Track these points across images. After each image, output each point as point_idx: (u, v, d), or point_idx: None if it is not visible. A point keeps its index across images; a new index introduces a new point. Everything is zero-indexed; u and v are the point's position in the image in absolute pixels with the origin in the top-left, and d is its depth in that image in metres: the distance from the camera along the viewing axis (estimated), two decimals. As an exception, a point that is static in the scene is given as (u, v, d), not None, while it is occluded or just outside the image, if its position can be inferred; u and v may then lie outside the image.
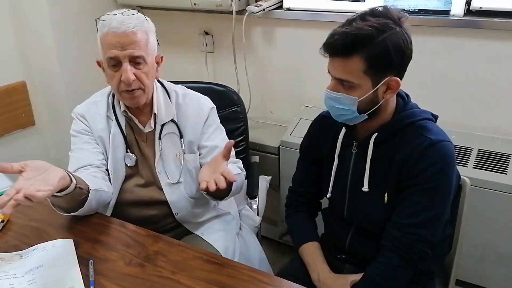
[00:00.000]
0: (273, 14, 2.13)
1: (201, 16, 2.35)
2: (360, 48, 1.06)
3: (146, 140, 1.45)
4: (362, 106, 1.13)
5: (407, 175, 1.14)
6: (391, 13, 1.09)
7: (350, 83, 1.10)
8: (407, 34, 1.09)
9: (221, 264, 1.15)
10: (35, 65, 2.30)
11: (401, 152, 1.16)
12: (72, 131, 1.46)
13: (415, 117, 1.18)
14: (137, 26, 1.29)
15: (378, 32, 1.05)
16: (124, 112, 1.42)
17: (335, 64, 1.11)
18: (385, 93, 1.13)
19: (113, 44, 1.27)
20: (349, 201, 1.28)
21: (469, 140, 1.85)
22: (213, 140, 1.50)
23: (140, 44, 1.29)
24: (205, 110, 1.50)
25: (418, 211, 1.14)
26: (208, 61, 2.45)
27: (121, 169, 1.43)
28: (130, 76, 1.29)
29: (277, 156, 2.15)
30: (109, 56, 1.29)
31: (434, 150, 1.12)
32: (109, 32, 1.27)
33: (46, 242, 1.22)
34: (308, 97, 2.24)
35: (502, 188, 1.68)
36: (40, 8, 2.16)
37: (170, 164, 1.45)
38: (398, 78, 1.11)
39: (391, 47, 1.06)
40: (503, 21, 1.70)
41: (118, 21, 1.27)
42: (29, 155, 2.39)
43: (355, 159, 1.25)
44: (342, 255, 1.35)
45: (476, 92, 1.86)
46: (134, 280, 1.10)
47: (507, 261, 1.77)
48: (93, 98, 1.50)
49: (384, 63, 1.08)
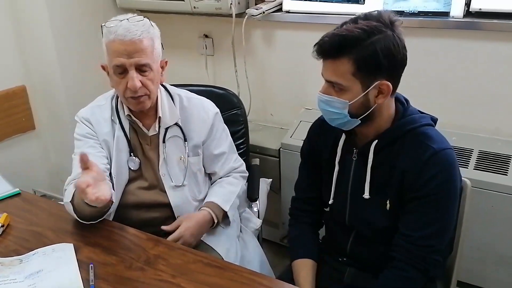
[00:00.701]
0: (272, 16, 2.13)
1: (201, 19, 2.35)
2: (349, 50, 1.06)
3: (150, 143, 1.45)
4: (353, 110, 1.12)
5: (411, 186, 1.13)
6: (383, 16, 1.09)
7: (340, 85, 1.10)
8: (399, 38, 1.08)
9: (222, 268, 1.15)
10: (35, 69, 2.30)
11: (402, 161, 1.15)
12: (76, 135, 1.45)
13: (415, 123, 1.16)
14: (144, 34, 1.29)
15: (366, 35, 1.05)
16: (128, 116, 1.43)
17: (326, 66, 1.12)
18: (376, 98, 1.12)
19: (120, 52, 1.28)
20: (350, 207, 1.27)
21: (469, 141, 1.85)
22: (220, 146, 1.54)
23: (146, 52, 1.30)
24: (210, 115, 1.52)
25: (428, 223, 1.13)
26: (208, 64, 2.46)
27: (124, 172, 1.44)
28: (136, 83, 1.30)
29: (277, 159, 2.15)
30: (115, 64, 1.30)
31: (437, 160, 1.11)
32: (116, 40, 1.27)
33: (46, 247, 1.22)
34: (308, 99, 2.24)
35: (503, 189, 1.67)
36: (40, 12, 2.16)
37: (174, 167, 1.46)
38: (389, 82, 1.10)
39: (380, 50, 1.06)
40: (503, 22, 1.70)
41: (124, 29, 1.27)
42: (29, 159, 2.40)
43: (356, 166, 1.24)
44: (344, 258, 1.34)
45: (476, 94, 1.86)
46: (134, 284, 1.10)
47: (509, 262, 1.77)
48: (96, 102, 1.50)
49: (373, 66, 1.07)
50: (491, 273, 1.83)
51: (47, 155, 2.47)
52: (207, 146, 1.52)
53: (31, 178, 2.36)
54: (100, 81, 2.37)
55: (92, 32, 2.35)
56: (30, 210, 1.43)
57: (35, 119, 2.37)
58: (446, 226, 1.16)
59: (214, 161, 1.55)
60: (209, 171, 1.57)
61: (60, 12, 2.21)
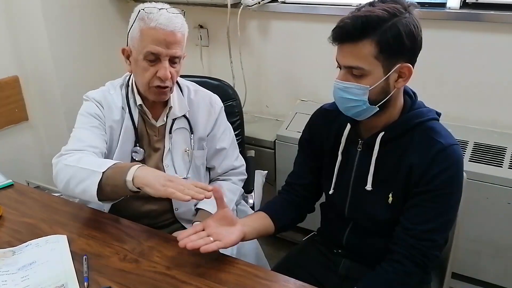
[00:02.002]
0: (268, 7, 2.12)
1: (196, 10, 2.33)
2: (372, 31, 1.03)
3: (158, 134, 1.45)
4: (373, 96, 1.09)
5: (418, 180, 1.13)
6: (400, 0, 1.07)
7: (361, 69, 1.07)
8: (417, 21, 1.07)
9: (217, 260, 1.14)
10: (28, 60, 2.28)
11: (409, 155, 1.14)
12: (83, 111, 1.41)
13: (423, 117, 1.15)
14: (183, 27, 1.31)
15: (389, 16, 1.03)
16: (139, 105, 1.41)
17: (345, 51, 1.08)
18: (396, 82, 1.10)
19: (159, 41, 1.27)
20: (351, 199, 1.27)
21: (465, 133, 1.86)
22: (223, 141, 1.54)
23: (181, 45, 1.32)
24: (216, 108, 1.52)
25: (432, 217, 1.13)
26: (203, 55, 2.44)
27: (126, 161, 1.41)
28: (168, 74, 1.30)
29: (273, 151, 2.15)
30: (150, 51, 1.28)
31: (446, 155, 1.10)
32: (157, 27, 1.26)
33: (39, 238, 1.20)
34: (304, 91, 2.24)
35: (498, 181, 1.68)
36: (33, 2, 2.14)
37: (178, 159, 1.46)
38: (410, 65, 1.09)
39: (403, 30, 1.04)
40: (499, 13, 1.70)
41: (166, 18, 1.27)
42: (22, 150, 2.38)
43: (360, 157, 1.23)
44: (339, 250, 1.34)
45: (473, 85, 1.86)
46: (128, 276, 1.09)
47: (503, 254, 1.78)
48: (106, 88, 1.47)
49: (396, 47, 1.05)
50: (486, 265, 1.84)
51: (40, 146, 2.46)
52: (210, 139, 1.52)
53: (25, 169, 2.35)
54: (94, 71, 2.39)
55: (85, 22, 2.33)
56: (23, 202, 1.41)
57: (28, 110, 2.36)
58: (449, 221, 1.16)
59: (214, 156, 1.54)
60: (208, 165, 1.56)
61: (53, 2, 2.19)
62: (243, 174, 1.63)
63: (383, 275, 1.16)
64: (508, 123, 1.85)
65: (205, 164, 1.54)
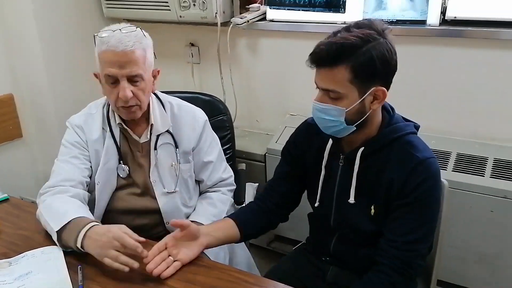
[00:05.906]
0: (257, 25, 2.18)
1: (187, 28, 2.39)
2: (346, 57, 1.07)
3: (142, 150, 1.47)
4: (350, 116, 1.14)
5: (398, 193, 1.17)
6: (375, 24, 1.12)
7: (337, 93, 1.11)
8: (391, 45, 1.12)
9: (208, 267, 1.17)
10: (23, 78, 2.31)
11: (389, 169, 1.18)
12: (64, 141, 1.46)
13: (401, 131, 1.20)
14: (136, 44, 1.29)
15: (362, 42, 1.08)
16: (119, 124, 1.44)
17: (322, 75, 1.12)
18: (372, 104, 1.14)
19: (112, 63, 1.29)
20: (336, 211, 1.30)
21: (448, 144, 1.90)
22: (209, 155, 1.55)
23: (138, 63, 1.31)
24: (200, 122, 1.54)
25: (413, 228, 1.16)
26: (195, 71, 2.49)
27: (112, 179, 1.45)
28: (128, 94, 1.31)
29: (263, 164, 2.19)
30: (107, 74, 1.31)
31: (423, 168, 1.15)
32: (108, 50, 1.28)
33: (35, 249, 1.23)
34: (292, 105, 2.29)
35: (480, 190, 1.73)
36: (28, 21, 2.17)
37: (165, 174, 1.48)
38: (384, 88, 1.13)
39: (376, 56, 1.08)
40: (477, 30, 1.77)
41: (116, 39, 1.28)
42: (16, 167, 2.39)
43: (342, 171, 1.27)
44: (327, 257, 1.38)
45: (454, 99, 1.92)
46: (123, 285, 1.12)
47: (487, 260, 1.82)
48: (88, 109, 1.50)
49: (370, 72, 1.09)
50: (471, 272, 1.87)
51: (34, 163, 2.47)
52: (196, 153, 1.53)
53: (19, 186, 2.35)
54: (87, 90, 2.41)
55: (80, 41, 2.37)
56: (19, 215, 1.44)
57: (22, 127, 2.37)
58: (430, 231, 1.20)
59: (202, 169, 1.56)
60: (197, 178, 1.58)
61: (47, 21, 2.23)
62: (232, 185, 1.65)
63: (369, 285, 1.19)
64: (489, 134, 1.90)
65: (193, 176, 1.55)
